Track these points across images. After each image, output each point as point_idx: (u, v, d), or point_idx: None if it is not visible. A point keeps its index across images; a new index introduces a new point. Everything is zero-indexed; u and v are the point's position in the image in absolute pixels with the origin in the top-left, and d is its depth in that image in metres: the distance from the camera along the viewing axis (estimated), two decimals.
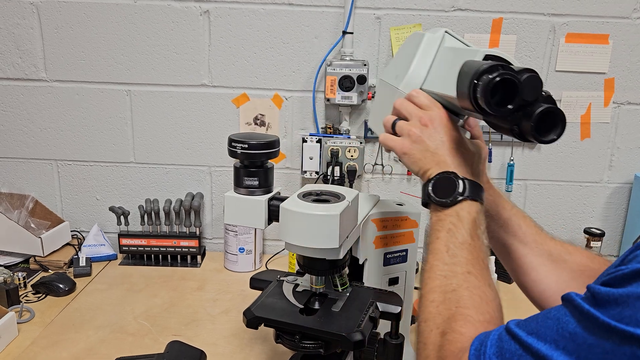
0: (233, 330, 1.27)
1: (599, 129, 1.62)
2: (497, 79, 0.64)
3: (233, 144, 0.93)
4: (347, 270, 1.00)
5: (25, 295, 1.40)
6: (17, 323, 1.23)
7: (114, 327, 1.27)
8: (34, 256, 1.56)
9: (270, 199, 0.95)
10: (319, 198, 0.91)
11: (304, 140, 1.59)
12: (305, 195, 0.92)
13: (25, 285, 1.43)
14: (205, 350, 1.08)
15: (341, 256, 0.89)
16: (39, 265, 1.55)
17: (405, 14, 1.53)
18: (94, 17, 1.56)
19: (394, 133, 0.81)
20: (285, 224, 0.87)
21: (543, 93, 0.67)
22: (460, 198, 0.72)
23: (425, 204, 0.76)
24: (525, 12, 1.52)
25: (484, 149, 0.83)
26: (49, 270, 1.54)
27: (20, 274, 1.42)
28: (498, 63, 0.66)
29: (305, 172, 1.61)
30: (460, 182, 0.72)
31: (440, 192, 0.73)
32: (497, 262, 1.44)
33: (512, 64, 0.70)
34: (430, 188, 0.74)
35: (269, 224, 0.96)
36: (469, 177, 0.73)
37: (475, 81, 0.65)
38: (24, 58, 1.60)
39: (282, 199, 0.92)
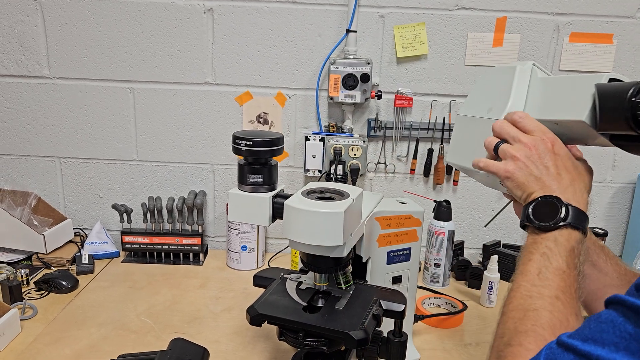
0: (236, 328, 1.27)
1: None
2: None
3: (237, 141, 0.93)
4: (350, 268, 1.00)
5: (28, 292, 1.40)
6: (20, 320, 1.23)
7: (117, 324, 1.27)
8: (37, 253, 1.56)
9: (274, 197, 0.95)
10: (323, 196, 0.91)
11: (307, 139, 1.59)
12: (309, 193, 0.92)
13: (28, 282, 1.43)
14: (208, 348, 1.08)
15: (345, 254, 0.89)
16: (42, 262, 1.55)
17: (409, 12, 1.53)
18: (98, 15, 1.56)
19: (496, 157, 0.80)
20: (289, 222, 0.87)
21: None
22: (562, 224, 0.70)
23: (523, 226, 0.75)
24: (529, 11, 1.52)
25: (590, 175, 0.81)
26: (52, 268, 1.54)
27: (23, 271, 1.43)
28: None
29: (308, 170, 1.61)
30: (564, 208, 0.70)
31: (541, 216, 0.71)
32: (499, 262, 1.44)
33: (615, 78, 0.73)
34: (530, 210, 0.72)
35: (272, 222, 0.96)
36: (574, 204, 0.71)
37: (634, 99, 0.66)
38: (28, 55, 1.60)
39: (286, 197, 0.92)
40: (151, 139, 1.66)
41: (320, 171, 1.61)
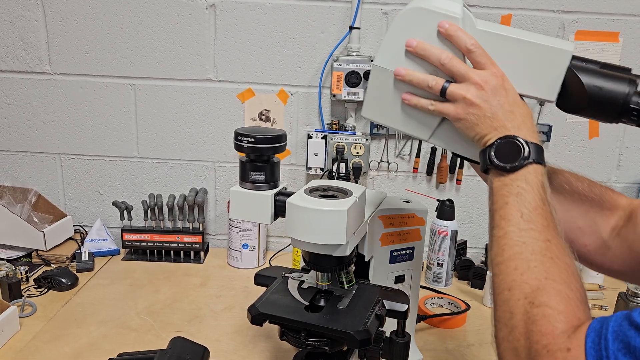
0: (236, 327, 1.26)
1: (607, 128, 1.60)
2: None
3: (239, 137, 0.91)
4: (353, 267, 0.98)
5: (28, 290, 1.39)
6: (19, 317, 1.22)
7: (117, 322, 1.26)
8: (37, 250, 1.55)
9: (277, 194, 0.94)
10: (326, 194, 0.90)
11: (309, 137, 1.57)
12: (312, 191, 0.90)
13: (27, 280, 1.42)
14: (208, 347, 1.07)
15: (348, 253, 0.88)
16: (42, 259, 1.54)
17: None
18: (99, 10, 1.54)
19: (444, 99, 0.75)
20: (291, 220, 0.86)
21: None
22: (526, 162, 0.68)
23: (485, 170, 0.72)
24: (534, 8, 1.51)
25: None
26: (52, 265, 1.53)
27: (22, 268, 1.42)
28: (629, 76, 0.68)
29: (310, 168, 1.60)
30: (525, 145, 0.69)
31: (505, 157, 0.69)
32: None
33: (599, 62, 0.72)
34: (493, 153, 0.70)
35: (274, 220, 0.95)
36: (531, 140, 0.70)
37: (632, 105, 0.67)
38: (28, 50, 1.59)
39: (289, 194, 0.90)
40: (152, 135, 1.65)
41: (322, 169, 1.60)
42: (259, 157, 0.93)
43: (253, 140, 0.90)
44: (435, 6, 0.74)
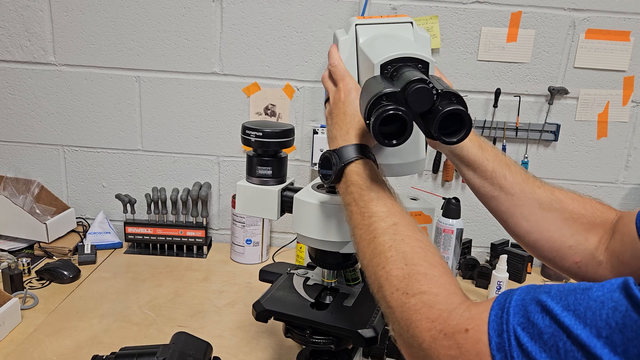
0: (239, 323, 1.25)
1: (616, 128, 1.58)
2: (378, 120, 0.63)
3: (247, 131, 0.90)
4: (359, 264, 0.97)
5: (29, 282, 1.38)
6: (21, 309, 1.21)
7: (119, 316, 1.25)
8: (39, 242, 1.55)
9: (284, 190, 0.93)
10: (334, 190, 0.89)
11: (315, 132, 1.56)
12: (319, 187, 0.89)
13: (29, 272, 1.42)
14: (211, 342, 1.06)
15: (355, 250, 0.86)
16: (44, 251, 1.53)
17: (422, 5, 1.50)
18: (105, 1, 1.53)
19: None
20: (298, 216, 0.85)
21: (439, 91, 0.63)
22: (339, 167, 0.72)
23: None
24: (545, 6, 1.49)
25: None
26: (54, 257, 1.53)
27: (24, 260, 1.41)
28: (381, 92, 0.63)
29: (316, 164, 1.59)
30: (333, 154, 0.74)
31: (325, 171, 0.75)
32: (508, 261, 1.42)
33: (407, 57, 0.69)
34: (319, 168, 0.77)
35: (281, 215, 0.94)
36: (345, 142, 0.74)
37: (367, 122, 0.65)
38: (33, 41, 1.57)
39: (296, 190, 0.89)
40: (156, 129, 1.64)
41: None
42: (267, 151, 0.92)
43: (261, 134, 0.89)
44: (337, 31, 0.86)
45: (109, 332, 1.19)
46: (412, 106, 0.63)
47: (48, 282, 1.39)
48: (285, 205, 0.92)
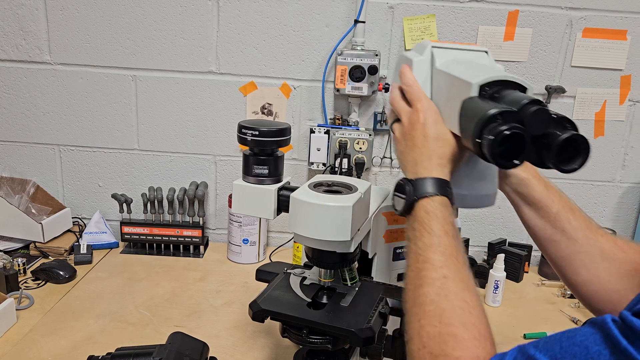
0: (236, 323, 1.25)
1: (613, 127, 1.59)
2: (499, 138, 0.61)
3: (243, 130, 0.89)
4: (356, 264, 0.97)
5: (25, 282, 1.37)
6: (16, 309, 1.21)
7: (115, 316, 1.25)
8: (34, 242, 1.54)
9: (280, 189, 0.92)
10: (331, 189, 0.88)
11: (312, 131, 1.56)
12: (316, 186, 0.88)
13: (24, 272, 1.41)
14: (207, 342, 1.06)
15: (352, 249, 0.86)
16: (39, 251, 1.53)
17: (419, 4, 1.50)
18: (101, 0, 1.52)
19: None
20: (295, 215, 0.84)
21: (554, 116, 0.63)
22: (412, 200, 0.70)
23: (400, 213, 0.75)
24: (542, 4, 1.49)
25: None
26: (49, 257, 1.52)
27: (20, 260, 1.40)
28: (498, 111, 0.62)
29: (313, 163, 1.58)
30: (408, 184, 0.71)
31: (397, 202, 0.73)
32: (506, 260, 1.42)
33: (513, 81, 0.67)
34: (393, 199, 0.75)
35: (277, 215, 0.93)
36: (426, 174, 0.71)
37: (478, 140, 0.63)
38: (28, 40, 1.56)
39: (292, 189, 0.89)
40: (153, 128, 1.63)
41: (324, 164, 1.58)
42: (263, 150, 0.91)
43: (257, 133, 0.89)
44: (407, 52, 0.85)
45: (105, 332, 1.18)
46: (528, 127, 0.61)
47: (44, 282, 1.38)
48: (282, 205, 0.92)
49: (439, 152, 0.73)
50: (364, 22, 1.49)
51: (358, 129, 1.55)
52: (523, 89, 0.69)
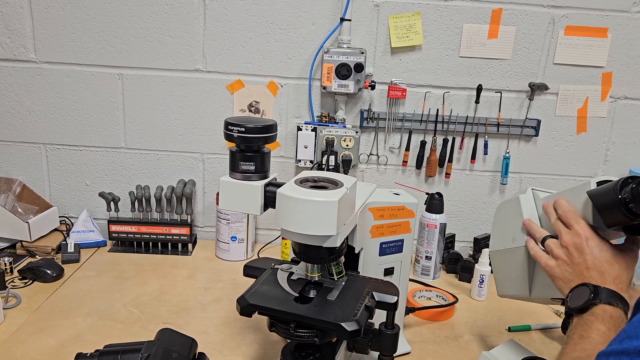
0: (224, 319, 1.25)
1: (595, 123, 1.61)
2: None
3: (229, 127, 0.90)
4: (343, 259, 0.98)
5: (12, 281, 1.37)
6: (3, 309, 1.20)
7: (103, 314, 1.25)
8: (21, 241, 1.53)
9: (267, 185, 0.93)
10: (317, 184, 0.89)
11: (299, 129, 1.57)
12: (302, 182, 0.90)
13: (11, 271, 1.40)
14: (196, 339, 1.06)
15: (338, 244, 0.87)
16: (26, 250, 1.52)
17: (404, 2, 1.51)
18: None
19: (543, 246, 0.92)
20: (281, 210, 0.85)
21: None
22: (592, 302, 0.78)
23: (568, 314, 0.84)
24: (524, 3, 1.51)
25: (627, 259, 0.86)
26: (37, 256, 1.51)
27: (6, 259, 1.39)
28: (629, 176, 0.79)
29: (300, 160, 1.59)
30: (593, 289, 0.79)
31: (575, 301, 0.81)
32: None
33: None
34: (568, 298, 0.83)
35: (264, 211, 0.94)
36: (608, 286, 0.80)
37: (620, 196, 0.77)
38: (13, 38, 1.55)
39: (279, 185, 0.90)
40: (140, 126, 1.63)
41: (312, 162, 1.59)
42: (249, 147, 0.92)
43: (243, 129, 0.90)
44: (519, 201, 1.01)
45: (93, 330, 1.18)
46: None
47: (31, 281, 1.37)
48: (269, 200, 0.93)
49: (610, 271, 0.83)
50: (349, 20, 1.50)
51: (345, 127, 1.56)
52: None
